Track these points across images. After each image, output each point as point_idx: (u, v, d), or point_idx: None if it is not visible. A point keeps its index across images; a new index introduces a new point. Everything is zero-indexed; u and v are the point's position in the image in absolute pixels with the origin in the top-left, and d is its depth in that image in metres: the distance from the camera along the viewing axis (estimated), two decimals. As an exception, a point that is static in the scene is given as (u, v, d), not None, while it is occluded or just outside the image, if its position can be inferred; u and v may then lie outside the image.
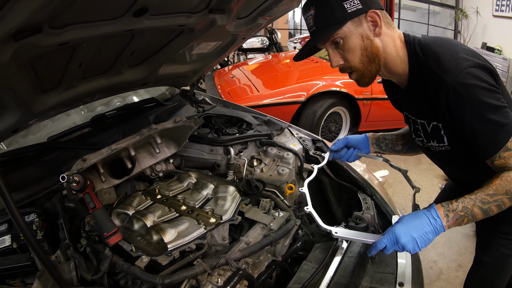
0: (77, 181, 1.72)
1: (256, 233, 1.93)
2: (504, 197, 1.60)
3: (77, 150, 2.37)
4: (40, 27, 1.36)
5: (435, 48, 1.64)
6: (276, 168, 2.57)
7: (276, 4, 2.28)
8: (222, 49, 2.78)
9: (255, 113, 3.33)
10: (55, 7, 1.27)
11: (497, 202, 1.60)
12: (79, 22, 1.52)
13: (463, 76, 1.54)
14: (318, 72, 6.64)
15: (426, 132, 1.86)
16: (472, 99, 1.54)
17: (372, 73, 1.79)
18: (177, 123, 2.30)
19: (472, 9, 13.32)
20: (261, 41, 11.52)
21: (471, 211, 1.61)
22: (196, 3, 1.86)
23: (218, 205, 2.05)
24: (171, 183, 2.30)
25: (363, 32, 1.68)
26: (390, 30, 1.74)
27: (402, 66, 1.77)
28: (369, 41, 1.70)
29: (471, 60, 1.57)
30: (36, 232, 1.84)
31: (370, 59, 1.73)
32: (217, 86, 6.79)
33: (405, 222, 1.64)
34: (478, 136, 1.61)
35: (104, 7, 1.51)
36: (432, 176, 5.91)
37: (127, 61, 2.22)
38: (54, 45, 1.52)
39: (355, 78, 1.84)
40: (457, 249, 4.31)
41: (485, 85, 1.55)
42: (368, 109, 6.40)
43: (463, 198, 1.63)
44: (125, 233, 1.88)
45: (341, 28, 1.66)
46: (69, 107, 2.40)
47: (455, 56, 1.58)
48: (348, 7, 1.63)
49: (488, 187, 1.62)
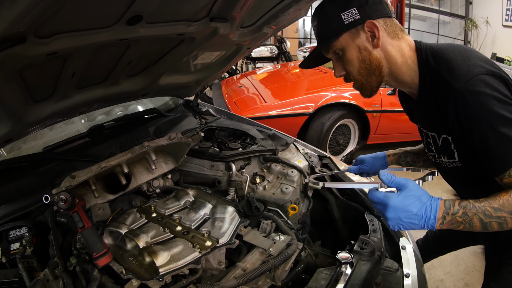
0: (64, 199, 1.63)
1: (254, 259, 1.82)
2: (508, 216, 1.47)
3: (72, 162, 2.31)
4: (24, 37, 1.27)
5: (447, 53, 1.59)
6: (280, 186, 2.46)
7: (282, 12, 2.18)
8: (227, 59, 2.69)
9: (260, 126, 3.24)
10: (39, 15, 1.18)
11: (500, 220, 1.48)
12: (67, 31, 1.43)
13: (473, 83, 1.46)
14: (327, 83, 6.56)
15: (437, 146, 1.79)
16: (483, 109, 1.45)
17: (372, 85, 1.76)
18: (172, 140, 2.20)
19: (482, 19, 13.37)
20: (270, 50, 11.49)
21: (470, 220, 1.51)
22: (196, 10, 1.77)
23: (215, 226, 1.95)
24: (168, 200, 2.19)
25: (361, 43, 1.66)
26: (395, 40, 1.69)
27: (410, 74, 1.71)
28: (367, 53, 1.67)
29: (484, 67, 1.48)
30: (25, 248, 1.78)
31: (369, 71, 1.70)
32: (224, 95, 6.72)
33: (401, 202, 1.53)
34: (487, 150, 1.50)
35: (95, 15, 1.42)
36: (440, 191, 5.79)
37: (124, 71, 2.13)
38: (41, 55, 1.44)
39: (356, 88, 1.83)
40: (465, 267, 4.23)
41: (498, 95, 1.44)
42: (378, 122, 6.29)
43: (466, 203, 1.51)
44: (117, 252, 1.80)
45: (337, 40, 1.67)
46: (65, 117, 2.33)
47: (467, 62, 1.51)
48: (345, 18, 1.63)
49: (495, 199, 1.50)
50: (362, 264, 1.82)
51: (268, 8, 2.12)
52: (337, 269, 1.80)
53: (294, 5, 2.12)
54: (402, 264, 1.94)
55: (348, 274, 1.79)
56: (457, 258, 4.34)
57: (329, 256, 2.08)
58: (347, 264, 1.79)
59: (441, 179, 2.11)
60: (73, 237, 1.89)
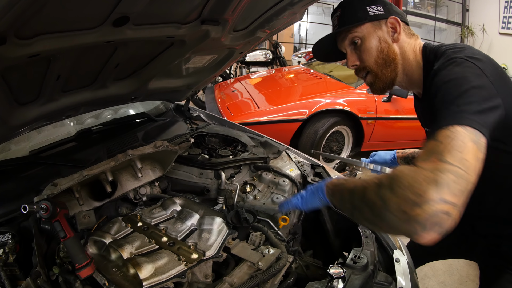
0: (45, 208, 1.58)
1: (242, 273, 1.75)
2: (371, 186, 1.20)
3: (58, 166, 2.25)
4: (4, 37, 1.22)
5: (445, 49, 1.60)
6: (271, 195, 2.40)
7: (277, 16, 2.15)
8: (218, 63, 2.65)
9: (252, 133, 3.18)
10: (19, 14, 1.13)
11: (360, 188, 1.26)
12: (50, 32, 1.38)
13: (452, 61, 1.43)
14: (321, 89, 6.54)
15: None
16: (452, 74, 1.37)
17: (387, 77, 1.77)
18: (158, 148, 2.14)
19: (479, 26, 13.49)
20: (265, 55, 11.46)
21: (344, 190, 1.38)
22: (186, 12, 1.73)
23: (202, 238, 1.89)
24: (154, 209, 2.13)
25: (382, 35, 1.72)
26: (410, 39, 1.76)
27: (419, 72, 1.74)
28: (386, 45, 1.72)
29: (473, 57, 1.41)
30: (8, 256, 1.71)
31: (386, 62, 1.74)
32: (217, 100, 6.67)
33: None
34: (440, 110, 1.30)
35: (79, 15, 1.38)
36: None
37: (112, 74, 2.08)
38: (23, 57, 1.39)
39: (370, 81, 1.83)
40: (459, 277, 4.21)
41: (475, 70, 1.35)
42: (372, 129, 6.26)
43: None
44: (101, 262, 1.73)
45: (359, 27, 1.72)
46: (52, 121, 2.29)
47: (457, 54, 1.48)
48: (370, 11, 1.70)
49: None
50: (354, 278, 1.76)
51: (262, 12, 2.08)
52: (328, 284, 1.74)
53: (289, 8, 2.09)
54: (396, 277, 1.90)
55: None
56: (451, 268, 4.32)
57: (320, 268, 2.05)
58: (339, 278, 1.73)
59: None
60: (58, 245, 1.82)
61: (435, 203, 1.02)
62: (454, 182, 1.05)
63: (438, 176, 1.05)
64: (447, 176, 1.06)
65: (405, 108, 6.25)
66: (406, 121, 6.32)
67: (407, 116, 6.27)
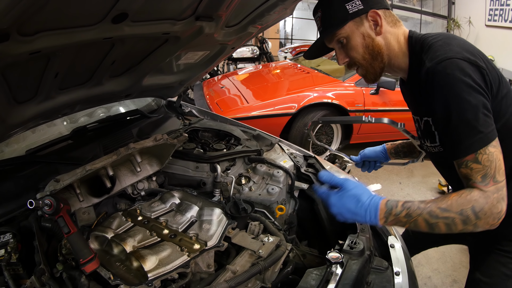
0: (49, 204, 1.58)
1: (243, 261, 1.79)
2: (457, 217, 1.49)
3: (56, 165, 2.25)
4: (8, 34, 1.22)
5: (430, 40, 1.69)
6: (266, 186, 2.44)
7: (268, 12, 2.16)
8: (210, 59, 2.66)
9: (244, 127, 3.21)
10: (23, 11, 1.14)
11: (447, 221, 1.50)
12: (51, 28, 1.38)
13: (445, 65, 1.52)
14: (309, 83, 6.56)
15: (421, 130, 1.87)
16: (449, 90, 1.50)
17: (376, 69, 1.84)
18: (158, 141, 2.16)
19: (465, 19, 13.50)
20: (252, 51, 11.46)
21: (415, 221, 1.54)
22: (182, 9, 1.74)
23: (203, 229, 1.92)
24: (153, 203, 2.15)
25: (365, 31, 1.76)
26: (394, 28, 1.81)
27: (405, 61, 1.82)
28: (370, 40, 1.77)
29: (461, 53, 1.54)
30: (10, 255, 1.71)
31: (373, 56, 1.80)
32: (206, 96, 6.67)
33: (339, 201, 1.62)
34: (448, 132, 1.56)
35: (80, 12, 1.38)
36: (425, 189, 5.87)
37: (108, 71, 2.09)
38: (25, 54, 1.39)
39: (361, 73, 1.90)
40: (452, 264, 4.27)
41: (468, 80, 1.48)
42: (360, 122, 6.28)
43: (410, 204, 1.55)
44: (104, 257, 1.75)
45: (342, 28, 1.75)
46: (48, 119, 2.28)
47: (446, 48, 1.58)
48: (349, 8, 1.72)
49: (443, 200, 1.52)
50: (352, 263, 1.81)
51: (254, 7, 2.10)
52: (327, 269, 1.78)
53: (280, 4, 2.10)
54: (391, 263, 1.94)
55: (338, 274, 1.77)
56: (444, 255, 4.37)
57: (317, 256, 2.08)
58: (337, 264, 1.77)
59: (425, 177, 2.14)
60: (59, 243, 1.83)
61: (504, 210, 1.50)
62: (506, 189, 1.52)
63: (501, 194, 1.50)
64: (503, 189, 1.51)
65: (392, 100, 6.31)
66: (394, 112, 6.37)
67: (395, 108, 6.33)
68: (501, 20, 12.11)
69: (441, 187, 5.72)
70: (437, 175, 5.96)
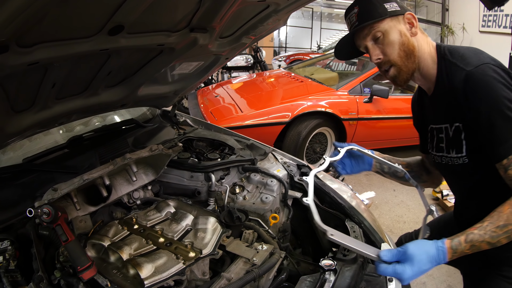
0: (47, 212, 1.61)
1: (238, 268, 1.82)
2: None
3: (53, 173, 2.26)
4: (7, 46, 1.25)
5: (461, 49, 1.75)
6: (260, 195, 2.46)
7: (261, 23, 2.20)
8: (205, 69, 2.69)
9: (238, 136, 3.23)
10: (22, 24, 1.17)
11: (508, 234, 1.52)
12: (49, 40, 1.42)
13: (483, 68, 1.58)
14: (302, 92, 6.57)
15: (448, 139, 1.85)
16: (491, 92, 1.55)
17: (409, 69, 1.84)
18: (153, 152, 2.19)
19: (458, 26, 13.56)
20: (246, 59, 11.47)
21: (478, 247, 1.55)
22: (177, 21, 1.78)
23: (198, 237, 1.94)
24: (149, 212, 2.17)
25: (401, 29, 1.80)
26: (423, 35, 1.86)
27: (433, 67, 1.83)
28: (406, 38, 1.80)
29: (494, 60, 1.63)
30: (8, 262, 1.74)
31: (407, 54, 1.81)
32: (200, 105, 6.67)
33: (414, 271, 1.52)
34: (493, 132, 1.58)
35: (77, 25, 1.42)
36: (419, 196, 5.79)
37: (103, 82, 2.12)
38: (23, 65, 1.42)
39: (393, 74, 1.87)
40: (447, 270, 4.25)
41: (505, 82, 1.55)
42: (354, 130, 6.34)
43: (472, 236, 1.54)
44: (100, 265, 1.77)
45: (381, 22, 1.78)
46: (45, 128, 2.30)
47: (479, 56, 1.66)
48: (388, 7, 1.78)
49: (499, 216, 1.53)
50: (345, 270, 1.83)
51: (248, 19, 2.13)
52: (321, 276, 1.80)
53: (273, 15, 2.14)
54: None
55: (332, 280, 1.79)
56: (439, 261, 4.35)
57: (310, 264, 2.10)
58: (331, 271, 1.80)
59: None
60: (56, 250, 1.85)
61: None
62: None
63: None
64: None
65: (386, 108, 6.35)
66: (388, 120, 6.44)
67: (388, 116, 6.38)
68: (495, 26, 12.22)
69: (435, 194, 5.72)
70: (430, 182, 5.97)
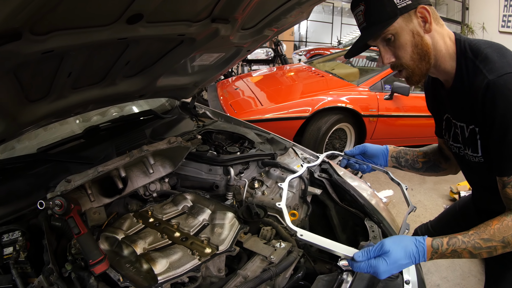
0: (60, 204, 1.58)
1: (255, 266, 1.78)
2: (499, 244, 1.54)
3: (67, 164, 2.24)
4: (20, 33, 1.21)
5: (484, 48, 1.64)
6: (279, 191, 2.43)
7: (284, 15, 2.15)
8: (225, 61, 2.65)
9: (258, 130, 3.20)
10: (35, 10, 1.13)
11: (490, 249, 1.55)
12: (64, 28, 1.37)
13: (506, 79, 1.49)
14: (323, 86, 6.51)
15: (464, 137, 1.80)
16: (509, 105, 1.48)
17: (423, 71, 1.74)
18: (172, 144, 2.15)
19: (478, 25, 13.46)
20: (266, 53, 11.47)
21: (459, 254, 1.57)
22: (198, 10, 1.73)
23: (214, 233, 1.91)
24: (165, 205, 2.14)
25: (414, 28, 1.66)
26: (439, 27, 1.72)
27: (450, 63, 1.74)
28: (419, 38, 1.67)
29: None
30: (18, 253, 1.72)
31: (421, 56, 1.70)
32: (220, 98, 6.65)
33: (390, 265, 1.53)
34: (502, 147, 1.55)
35: (93, 12, 1.37)
36: (436, 196, 5.80)
37: (121, 72, 2.08)
38: (37, 53, 1.38)
39: (406, 76, 1.79)
40: (461, 273, 4.22)
41: None
42: (374, 126, 6.26)
43: (455, 240, 1.56)
44: (113, 258, 1.75)
45: (392, 24, 1.63)
46: (60, 118, 2.27)
47: (503, 60, 1.56)
48: (398, 2, 1.61)
49: (486, 229, 1.55)
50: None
51: (271, 10, 2.09)
52: (338, 276, 1.76)
53: (296, 7, 2.09)
54: (402, 271, 1.91)
55: (349, 281, 1.75)
56: (453, 263, 4.33)
57: (327, 262, 2.06)
58: (348, 271, 1.75)
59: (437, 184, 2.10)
60: (68, 242, 1.83)
61: None
62: None
63: None
64: None
65: (406, 106, 6.25)
66: (408, 118, 6.34)
67: (408, 113, 6.28)
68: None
69: (453, 195, 5.67)
70: (448, 182, 5.92)
